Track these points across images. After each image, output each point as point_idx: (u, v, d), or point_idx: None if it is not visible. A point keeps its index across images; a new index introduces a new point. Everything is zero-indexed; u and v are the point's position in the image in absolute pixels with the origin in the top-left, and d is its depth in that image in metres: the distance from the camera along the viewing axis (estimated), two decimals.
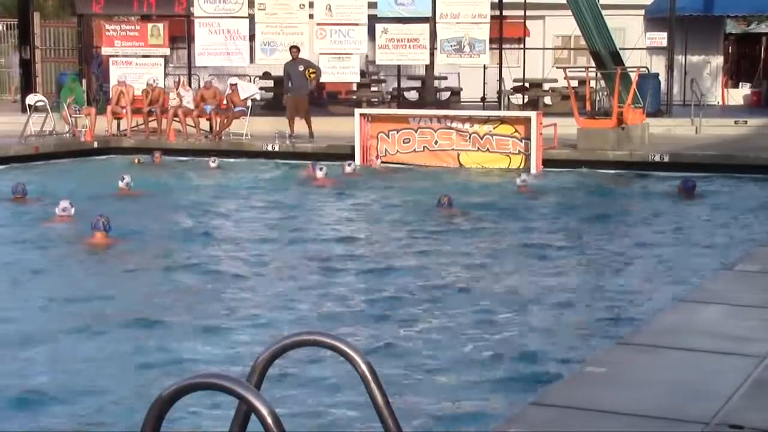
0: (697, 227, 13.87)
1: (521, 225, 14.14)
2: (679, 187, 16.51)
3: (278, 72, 26.85)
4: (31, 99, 22.99)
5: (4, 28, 32.79)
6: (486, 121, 20.15)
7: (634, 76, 20.94)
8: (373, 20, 24.75)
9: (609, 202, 16.67)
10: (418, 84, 27.58)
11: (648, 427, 4.35)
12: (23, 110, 23.19)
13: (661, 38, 25.71)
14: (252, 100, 23.45)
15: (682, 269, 11.08)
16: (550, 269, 11.10)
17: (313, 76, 22.81)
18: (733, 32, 34.25)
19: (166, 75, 25.20)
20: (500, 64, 25.08)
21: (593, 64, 22.55)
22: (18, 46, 26.15)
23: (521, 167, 19.31)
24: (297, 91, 22.33)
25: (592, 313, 9.24)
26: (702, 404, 4.60)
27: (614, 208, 15.90)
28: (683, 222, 14.29)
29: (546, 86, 26.58)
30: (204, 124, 22.77)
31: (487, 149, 19.82)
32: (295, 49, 22.89)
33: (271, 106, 26.20)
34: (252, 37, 24.93)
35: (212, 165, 19.82)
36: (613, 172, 19.11)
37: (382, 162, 19.86)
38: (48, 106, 22.57)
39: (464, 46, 24.46)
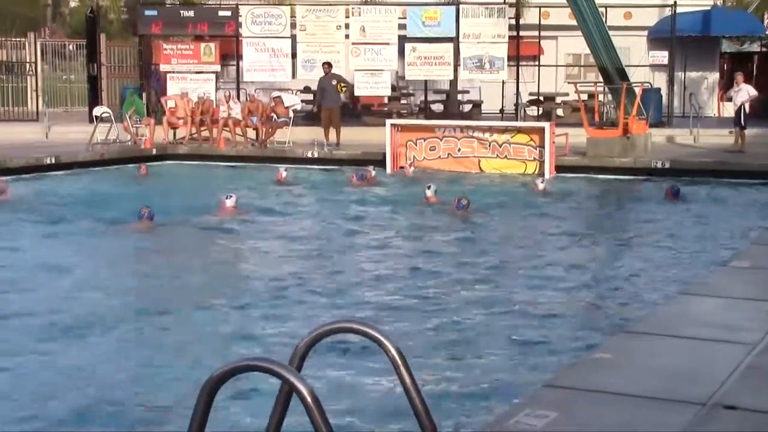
0: (693, 228, 13.72)
1: (535, 224, 14.12)
2: (667, 192, 16.36)
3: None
4: (97, 111, 23.11)
5: (74, 48, 32.98)
6: (504, 130, 20.09)
7: (638, 91, 20.80)
8: (403, 40, 24.79)
9: (613, 204, 16.57)
10: (443, 97, 27.52)
11: (650, 407, 4.33)
12: (90, 121, 23.32)
13: (662, 56, 25.58)
14: (293, 111, 23.49)
15: (680, 265, 11.01)
16: (560, 265, 11.06)
17: (344, 89, 22.79)
18: (728, 51, 33.99)
19: (217, 89, 25.29)
20: (517, 79, 25.09)
21: (601, 80, 22.42)
22: (87, 64, 26.22)
23: (536, 173, 19.25)
24: (330, 103, 22.32)
25: (599, 304, 9.19)
26: (699, 387, 4.57)
27: (618, 210, 15.83)
28: (682, 222, 14.17)
29: (558, 99, 26.50)
30: (251, 133, 22.84)
31: (506, 156, 19.78)
32: (326, 65, 22.89)
33: (311, 116, 26.20)
34: (294, 55, 24.99)
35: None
36: (618, 177, 19.01)
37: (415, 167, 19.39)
38: (112, 117, 22.70)
39: (485, 63, 24.45)
